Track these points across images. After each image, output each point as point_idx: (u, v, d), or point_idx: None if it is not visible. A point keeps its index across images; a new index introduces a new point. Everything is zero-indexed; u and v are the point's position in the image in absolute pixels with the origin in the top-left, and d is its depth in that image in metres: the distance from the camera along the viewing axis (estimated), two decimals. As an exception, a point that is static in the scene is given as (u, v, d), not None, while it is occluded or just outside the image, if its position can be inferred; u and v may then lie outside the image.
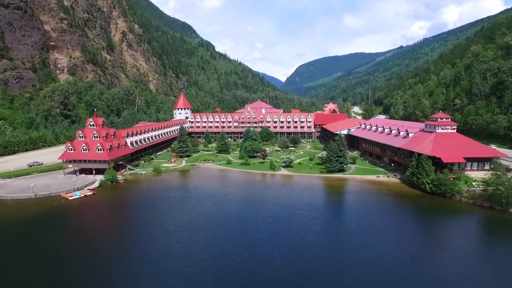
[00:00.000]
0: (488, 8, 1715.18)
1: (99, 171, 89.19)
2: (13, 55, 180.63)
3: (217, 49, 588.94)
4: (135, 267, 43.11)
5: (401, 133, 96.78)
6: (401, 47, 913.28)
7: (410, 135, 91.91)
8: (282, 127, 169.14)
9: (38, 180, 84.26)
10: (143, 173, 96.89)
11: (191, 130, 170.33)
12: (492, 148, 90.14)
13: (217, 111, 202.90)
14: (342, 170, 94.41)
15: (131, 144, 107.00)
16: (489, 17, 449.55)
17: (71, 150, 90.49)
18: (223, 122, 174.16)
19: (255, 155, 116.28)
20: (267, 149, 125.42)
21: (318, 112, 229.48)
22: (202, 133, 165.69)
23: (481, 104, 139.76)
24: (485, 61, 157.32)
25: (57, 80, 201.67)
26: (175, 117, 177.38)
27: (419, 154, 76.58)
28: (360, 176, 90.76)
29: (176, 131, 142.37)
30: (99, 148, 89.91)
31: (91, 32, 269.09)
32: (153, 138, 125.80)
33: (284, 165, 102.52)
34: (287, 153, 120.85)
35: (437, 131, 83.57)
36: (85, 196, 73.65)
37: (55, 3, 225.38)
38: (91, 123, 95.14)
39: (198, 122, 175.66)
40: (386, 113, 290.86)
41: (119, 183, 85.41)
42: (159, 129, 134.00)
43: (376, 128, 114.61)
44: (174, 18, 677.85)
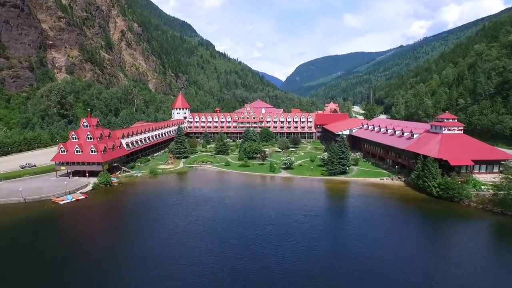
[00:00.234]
0: (488, 7, 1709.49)
1: (93, 174, 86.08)
2: (9, 54, 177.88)
3: (217, 48, 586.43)
4: (124, 282, 40.14)
5: (405, 134, 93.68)
6: (401, 46, 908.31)
7: (414, 136, 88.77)
8: (282, 127, 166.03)
9: (29, 183, 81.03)
10: (139, 175, 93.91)
11: (190, 130, 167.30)
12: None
13: (216, 111, 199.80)
14: (344, 172, 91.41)
15: (127, 145, 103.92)
16: (489, 16, 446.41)
17: (64, 151, 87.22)
18: (222, 122, 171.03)
19: (255, 156, 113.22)
20: (267, 150, 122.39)
21: (318, 111, 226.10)
22: (200, 133, 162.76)
23: (485, 104, 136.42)
24: (489, 60, 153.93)
25: (54, 79, 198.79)
26: (173, 117, 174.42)
27: (424, 156, 73.65)
28: (363, 178, 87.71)
29: (174, 132, 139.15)
30: (93, 149, 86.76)
31: (90, 31, 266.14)
32: (150, 139, 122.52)
33: (284, 167, 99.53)
34: (287, 154, 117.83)
35: (443, 132, 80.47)
36: (77, 200, 70.58)
37: (52, 1, 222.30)
38: (85, 124, 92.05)
39: (196, 122, 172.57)
40: (387, 112, 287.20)
41: (113, 186, 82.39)
42: (156, 130, 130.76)
43: (379, 128, 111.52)
44: (173, 17, 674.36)
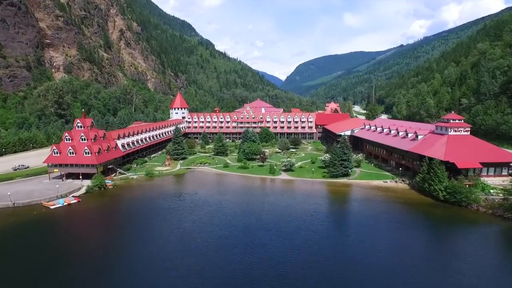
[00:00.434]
0: (488, 6, 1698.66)
1: (87, 176, 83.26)
2: (6, 53, 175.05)
3: (217, 48, 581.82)
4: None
5: (409, 135, 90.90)
6: (402, 45, 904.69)
7: (419, 137, 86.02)
8: (282, 127, 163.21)
9: (20, 186, 78.29)
10: (135, 177, 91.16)
11: (188, 130, 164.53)
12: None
13: (215, 111, 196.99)
14: (346, 174, 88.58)
15: (123, 146, 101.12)
16: (490, 15, 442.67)
17: (57, 153, 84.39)
18: (221, 122, 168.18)
19: (254, 158, 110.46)
20: (267, 151, 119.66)
21: (319, 111, 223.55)
22: (199, 134, 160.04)
23: (490, 103, 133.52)
24: (493, 59, 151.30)
25: (52, 78, 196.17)
26: (171, 117, 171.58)
27: (430, 158, 70.93)
28: (365, 181, 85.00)
29: (171, 132, 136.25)
30: (87, 151, 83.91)
31: (88, 30, 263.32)
32: (147, 139, 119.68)
33: (284, 168, 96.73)
34: (288, 155, 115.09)
35: (450, 133, 77.66)
36: (69, 204, 67.74)
37: (50, 0, 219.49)
38: (79, 124, 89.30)
39: (195, 122, 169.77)
40: (387, 112, 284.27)
41: (108, 189, 79.59)
42: (153, 130, 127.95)
43: (381, 129, 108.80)
44: (173, 16, 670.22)
